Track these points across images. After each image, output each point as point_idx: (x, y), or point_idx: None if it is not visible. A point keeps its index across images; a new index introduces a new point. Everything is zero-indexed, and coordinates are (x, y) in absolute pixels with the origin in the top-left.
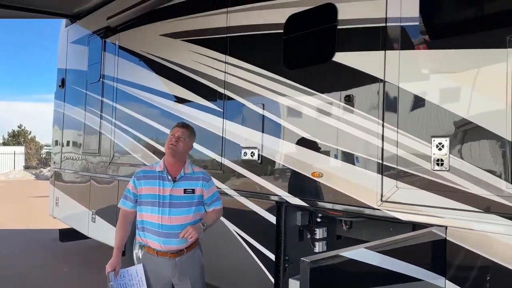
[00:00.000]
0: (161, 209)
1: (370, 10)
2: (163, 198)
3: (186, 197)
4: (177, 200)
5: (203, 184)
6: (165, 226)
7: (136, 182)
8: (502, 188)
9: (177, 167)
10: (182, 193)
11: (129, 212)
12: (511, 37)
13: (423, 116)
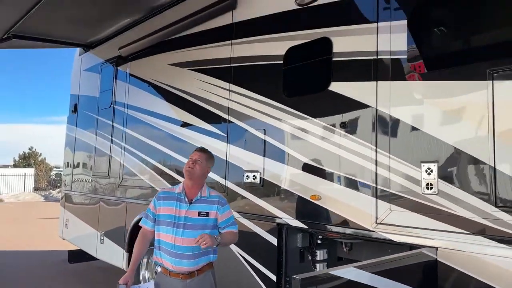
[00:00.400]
0: (175, 230)
1: (363, 43)
2: (178, 219)
3: (200, 219)
4: (191, 222)
5: (218, 208)
6: (177, 247)
7: (156, 202)
8: (487, 211)
9: (195, 189)
10: (197, 216)
11: (148, 231)
12: (491, 70)
13: (412, 142)
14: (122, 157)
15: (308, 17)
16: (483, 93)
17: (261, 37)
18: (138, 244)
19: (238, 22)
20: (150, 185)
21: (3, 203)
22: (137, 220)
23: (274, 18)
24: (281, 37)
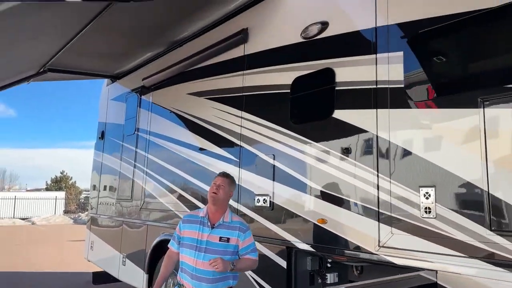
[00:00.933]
0: (197, 253)
1: (363, 73)
2: (200, 243)
3: (221, 244)
4: (213, 247)
5: (239, 234)
6: (198, 270)
7: (181, 225)
8: (483, 235)
9: (218, 214)
10: (218, 240)
11: (174, 252)
12: (482, 98)
13: (411, 167)
14: (144, 181)
15: (312, 49)
16: (475, 120)
17: (270, 67)
18: (164, 265)
19: (249, 54)
20: (169, 208)
21: (35, 225)
22: (157, 242)
23: (282, 50)
24: (288, 68)
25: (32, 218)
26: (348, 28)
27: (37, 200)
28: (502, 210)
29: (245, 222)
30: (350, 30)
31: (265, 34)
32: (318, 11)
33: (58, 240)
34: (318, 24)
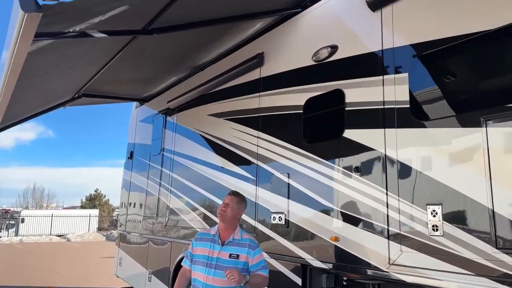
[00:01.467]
0: (207, 269)
1: (371, 94)
2: (211, 260)
3: (230, 261)
4: (222, 263)
5: (249, 251)
6: (209, 286)
7: (194, 243)
8: (489, 252)
9: (228, 232)
10: (228, 257)
11: (187, 270)
12: (484, 117)
13: (418, 185)
14: (168, 199)
15: (323, 71)
16: (478, 139)
17: (284, 89)
18: (177, 282)
19: (264, 77)
20: (191, 226)
21: (70, 242)
22: (180, 259)
23: (294, 73)
24: (301, 89)
25: (67, 235)
26: (356, 51)
27: (72, 218)
28: (507, 228)
29: (255, 240)
30: (358, 53)
31: (279, 58)
32: (328, 36)
33: (90, 256)
34: (328, 47)
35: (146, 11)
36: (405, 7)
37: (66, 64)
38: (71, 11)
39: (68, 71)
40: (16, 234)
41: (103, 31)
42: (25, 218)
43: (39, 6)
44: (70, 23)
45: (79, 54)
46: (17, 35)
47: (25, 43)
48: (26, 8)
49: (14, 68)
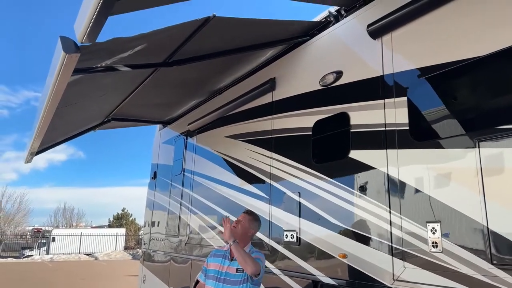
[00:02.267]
0: (217, 283)
1: (374, 117)
2: (220, 274)
3: (237, 275)
4: (230, 278)
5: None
6: None
7: (209, 258)
8: (485, 268)
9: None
10: (235, 272)
11: (202, 284)
12: (477, 139)
13: (418, 203)
14: (189, 217)
15: (330, 95)
16: (472, 160)
17: (294, 112)
18: None
19: (276, 100)
20: (210, 244)
21: (98, 260)
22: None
23: (304, 97)
24: (309, 112)
25: (95, 253)
26: (359, 76)
27: (100, 237)
28: (501, 244)
29: (260, 252)
30: (361, 78)
31: (289, 83)
32: (333, 62)
33: (117, 275)
34: (334, 73)
35: (167, 47)
36: (403, 35)
37: (98, 93)
38: (103, 49)
39: (99, 99)
40: (47, 252)
41: (128, 65)
42: (56, 237)
43: (77, 47)
44: (102, 59)
45: (109, 83)
46: (58, 71)
47: (64, 78)
48: (67, 49)
49: (54, 98)
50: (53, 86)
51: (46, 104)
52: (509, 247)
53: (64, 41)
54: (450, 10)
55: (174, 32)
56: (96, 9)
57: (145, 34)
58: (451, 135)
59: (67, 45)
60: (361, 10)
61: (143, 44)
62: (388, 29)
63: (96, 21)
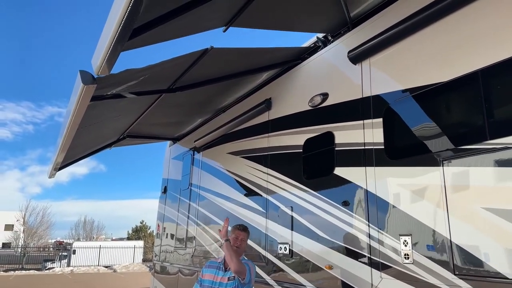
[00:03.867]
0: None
1: (355, 136)
2: (214, 284)
3: (229, 284)
4: (222, 287)
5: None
6: None
7: (204, 269)
8: (449, 278)
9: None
10: (227, 281)
11: None
12: (441, 158)
13: (392, 217)
14: (195, 230)
15: (317, 115)
16: (437, 177)
17: (288, 131)
18: None
19: (272, 119)
20: (214, 256)
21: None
22: None
23: (296, 116)
24: (300, 131)
25: (113, 265)
26: (342, 98)
27: (118, 249)
28: (463, 256)
29: (250, 261)
30: (344, 100)
31: (283, 103)
32: (321, 84)
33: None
34: (321, 95)
35: (170, 75)
36: (380, 60)
37: (113, 114)
38: (116, 79)
39: (115, 119)
40: (68, 265)
41: (137, 92)
42: (76, 250)
43: (94, 79)
44: (115, 87)
45: (123, 106)
46: (78, 99)
47: (83, 105)
48: (85, 81)
49: (74, 121)
50: (73, 112)
51: (68, 126)
52: (469, 259)
53: (83, 74)
54: (421, 38)
55: (177, 62)
56: (109, 47)
57: (153, 65)
58: (419, 154)
59: (85, 77)
60: (345, 37)
61: (150, 73)
62: (366, 55)
63: (109, 57)
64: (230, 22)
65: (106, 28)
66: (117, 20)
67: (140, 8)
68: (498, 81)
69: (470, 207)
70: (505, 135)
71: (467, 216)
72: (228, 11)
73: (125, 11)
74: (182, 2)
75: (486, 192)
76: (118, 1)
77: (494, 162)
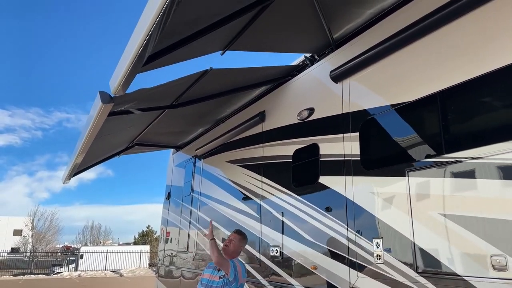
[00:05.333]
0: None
1: (336, 148)
2: (209, 282)
3: (220, 281)
4: (214, 284)
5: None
6: None
7: (204, 269)
8: (413, 276)
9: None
10: (218, 279)
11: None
12: (407, 169)
13: (367, 222)
14: (196, 235)
15: (305, 128)
16: (403, 186)
17: (279, 141)
18: None
19: (266, 130)
20: None
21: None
22: None
23: (286, 128)
24: (290, 142)
25: (120, 270)
26: (326, 113)
27: (125, 254)
28: (424, 257)
29: (240, 260)
30: (328, 115)
31: (276, 115)
32: (307, 100)
33: None
34: (307, 109)
35: (174, 93)
36: (357, 80)
37: (123, 126)
38: (129, 97)
39: (124, 130)
40: (76, 269)
41: (141, 109)
42: (84, 254)
43: (111, 98)
44: (126, 104)
45: (132, 119)
46: (96, 116)
47: (100, 121)
48: (104, 100)
49: (91, 134)
50: (91, 126)
51: (85, 138)
52: (429, 259)
53: (102, 95)
54: (392, 61)
55: (180, 82)
56: (127, 71)
57: (161, 85)
58: (389, 166)
59: (104, 97)
60: (329, 57)
61: (156, 91)
62: (346, 75)
63: (126, 80)
64: (227, 47)
65: (125, 55)
66: (134, 50)
67: (155, 41)
68: (453, 103)
69: (430, 213)
70: (458, 150)
71: (427, 221)
72: (226, 38)
73: (141, 44)
74: (188, 33)
75: (442, 200)
76: (136, 35)
77: (449, 174)
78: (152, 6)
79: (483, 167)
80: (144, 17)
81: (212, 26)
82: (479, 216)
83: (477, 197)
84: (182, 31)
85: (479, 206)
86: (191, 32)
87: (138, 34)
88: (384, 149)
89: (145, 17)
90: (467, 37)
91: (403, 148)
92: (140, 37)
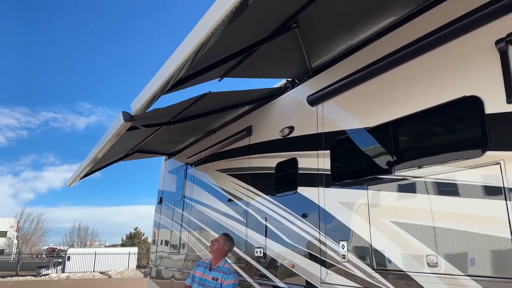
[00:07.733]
0: (199, 287)
1: (312, 163)
2: (201, 280)
3: (212, 282)
4: (207, 284)
5: (223, 275)
6: None
7: (195, 267)
8: (370, 272)
9: (216, 261)
10: (211, 279)
11: (188, 286)
12: (366, 183)
13: (335, 227)
14: (187, 237)
15: (286, 144)
16: (364, 197)
17: (264, 154)
18: None
19: (252, 144)
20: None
21: (111, 279)
22: None
23: (270, 143)
24: (273, 156)
25: (108, 272)
26: (304, 132)
27: (113, 255)
28: (378, 256)
29: (231, 269)
30: (305, 133)
31: (261, 131)
32: (288, 119)
33: None
34: (288, 128)
35: (174, 112)
36: (329, 105)
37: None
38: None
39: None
40: (63, 271)
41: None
42: (71, 256)
43: (132, 117)
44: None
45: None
46: (116, 131)
47: (119, 135)
48: (126, 119)
49: (107, 146)
50: (110, 139)
51: (101, 149)
52: (382, 258)
53: (125, 114)
54: (356, 92)
55: (182, 104)
56: (154, 95)
57: (171, 105)
58: (352, 179)
59: (126, 116)
60: (307, 82)
61: (160, 111)
62: (320, 100)
63: (150, 101)
64: (224, 75)
65: (154, 80)
66: (165, 77)
67: (180, 72)
68: (402, 131)
69: (383, 220)
70: (404, 169)
71: (381, 227)
72: (225, 68)
73: (172, 73)
74: (205, 65)
75: (392, 210)
76: (168, 65)
77: (397, 188)
78: (189, 42)
79: (422, 185)
80: (179, 50)
81: (223, 61)
82: (418, 224)
83: (417, 208)
84: (201, 64)
85: (418, 215)
86: (207, 64)
87: (171, 64)
88: (349, 165)
89: (180, 50)
90: (415, 77)
91: (364, 165)
92: (172, 67)
